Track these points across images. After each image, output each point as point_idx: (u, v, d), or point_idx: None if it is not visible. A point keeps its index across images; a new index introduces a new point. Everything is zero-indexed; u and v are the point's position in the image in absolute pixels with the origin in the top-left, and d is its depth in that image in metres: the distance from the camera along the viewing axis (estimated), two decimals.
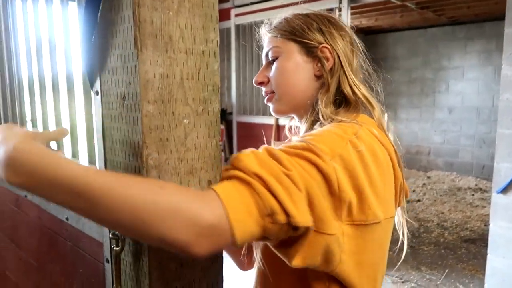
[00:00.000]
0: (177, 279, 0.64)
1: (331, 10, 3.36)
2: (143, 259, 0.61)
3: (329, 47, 0.82)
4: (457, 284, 3.07)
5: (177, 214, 0.49)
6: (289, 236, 0.59)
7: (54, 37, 1.02)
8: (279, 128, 3.71)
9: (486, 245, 2.62)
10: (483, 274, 2.67)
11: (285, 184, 0.55)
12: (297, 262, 0.61)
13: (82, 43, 0.66)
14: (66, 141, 1.04)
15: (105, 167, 0.68)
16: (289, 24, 0.84)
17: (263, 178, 0.55)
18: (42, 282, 1.16)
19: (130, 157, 0.62)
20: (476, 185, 5.98)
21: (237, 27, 4.06)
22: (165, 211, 0.48)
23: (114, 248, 0.63)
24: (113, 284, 0.67)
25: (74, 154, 1.02)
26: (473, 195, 5.54)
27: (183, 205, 0.50)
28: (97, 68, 0.67)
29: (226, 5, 4.20)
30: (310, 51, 0.83)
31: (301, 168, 0.59)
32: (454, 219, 4.57)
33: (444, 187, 5.93)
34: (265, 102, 0.89)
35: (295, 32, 0.83)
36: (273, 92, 0.86)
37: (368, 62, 0.87)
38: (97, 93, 0.67)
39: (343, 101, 0.82)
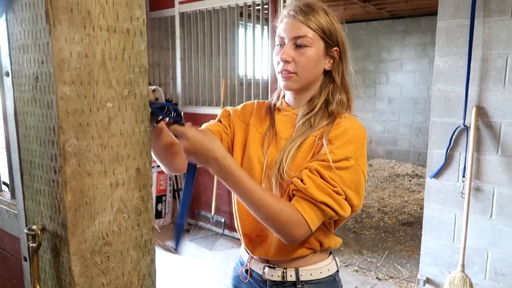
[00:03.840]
0: (103, 273, 0.60)
1: (276, 0, 3.36)
2: (63, 255, 0.56)
3: (339, 50, 1.06)
4: (395, 265, 3.24)
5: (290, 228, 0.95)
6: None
7: None
8: None
9: (421, 227, 2.79)
10: (419, 254, 2.84)
11: (336, 198, 0.94)
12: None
13: None
14: None
15: (19, 156, 0.62)
16: (323, 23, 1.02)
17: (326, 203, 0.93)
18: None
19: (46, 144, 0.56)
20: (413, 171, 6.35)
21: (182, 15, 3.94)
22: (283, 222, 0.94)
23: (30, 244, 0.58)
24: (32, 284, 0.61)
25: None
26: (410, 181, 5.87)
27: (292, 227, 0.95)
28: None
29: None
30: (328, 50, 1.05)
31: (340, 179, 0.94)
32: (393, 204, 4.82)
33: (385, 174, 6.23)
34: (281, 77, 1.05)
35: (326, 32, 1.03)
36: (294, 73, 1.03)
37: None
38: (7, 74, 0.60)
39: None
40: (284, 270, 1.07)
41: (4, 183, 0.93)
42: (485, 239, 2.50)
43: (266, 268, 1.10)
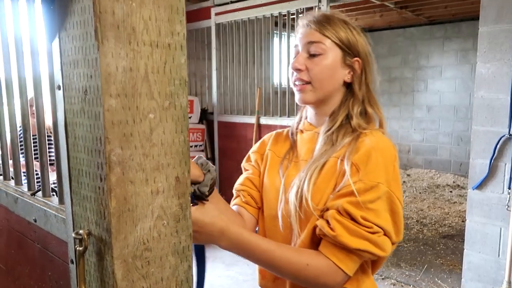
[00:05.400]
0: (144, 278, 0.62)
1: (310, 9, 3.37)
2: (107, 259, 0.59)
3: (360, 61, 0.99)
4: (436, 279, 3.12)
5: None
6: None
7: (20, 35, 0.98)
8: (260, 127, 3.70)
9: (463, 241, 2.67)
10: (461, 269, 2.72)
11: (373, 240, 0.83)
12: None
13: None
14: (34, 140, 1.00)
15: (68, 164, 0.66)
16: (341, 32, 0.97)
17: (361, 249, 0.83)
18: (11, 286, 1.13)
19: (93, 153, 0.59)
20: (454, 182, 6.11)
21: (218, 26, 4.03)
22: (314, 276, 0.86)
23: (77, 248, 0.61)
24: (77, 286, 0.64)
25: (42, 154, 0.99)
26: (451, 192, 5.65)
27: (326, 278, 0.86)
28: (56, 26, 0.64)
29: (206, 4, 4.17)
30: (347, 59, 0.98)
31: (375, 214, 0.84)
32: (433, 216, 4.65)
33: (424, 184, 6.03)
34: (296, 88, 0.99)
35: (343, 41, 0.96)
36: (308, 82, 0.97)
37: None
38: (59, 87, 0.65)
39: (364, 112, 1.00)
40: None
41: (53, 189, 0.99)
42: None
43: None
